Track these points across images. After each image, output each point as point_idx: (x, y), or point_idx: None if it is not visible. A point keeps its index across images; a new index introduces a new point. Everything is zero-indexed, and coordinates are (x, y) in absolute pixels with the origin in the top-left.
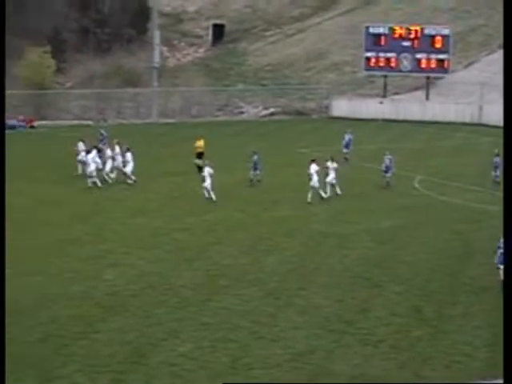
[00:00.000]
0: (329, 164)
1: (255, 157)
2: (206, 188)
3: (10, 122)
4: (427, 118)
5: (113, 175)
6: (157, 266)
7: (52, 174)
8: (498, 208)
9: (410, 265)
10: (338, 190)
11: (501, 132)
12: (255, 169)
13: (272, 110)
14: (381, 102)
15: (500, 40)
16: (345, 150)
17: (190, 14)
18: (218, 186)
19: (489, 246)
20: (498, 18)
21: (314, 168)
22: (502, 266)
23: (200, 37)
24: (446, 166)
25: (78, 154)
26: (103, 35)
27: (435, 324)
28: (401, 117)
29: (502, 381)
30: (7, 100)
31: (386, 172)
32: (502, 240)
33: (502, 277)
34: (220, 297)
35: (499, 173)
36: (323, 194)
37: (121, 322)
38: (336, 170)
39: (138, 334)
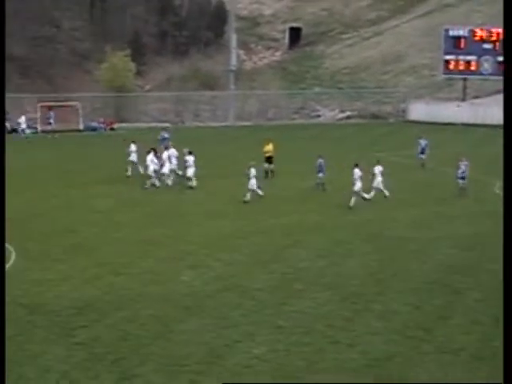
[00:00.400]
0: (375, 169)
1: (320, 160)
2: (251, 189)
3: (91, 123)
4: None
5: (170, 178)
6: (234, 269)
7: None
8: None
9: (492, 273)
10: (387, 193)
11: None
12: (319, 172)
13: (348, 113)
14: (458, 106)
15: None
16: (421, 156)
17: (266, 18)
18: (294, 188)
19: None
20: None
21: (357, 173)
22: None
23: (277, 40)
24: None
25: (128, 154)
26: (181, 38)
27: None
28: (480, 121)
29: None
30: (89, 103)
31: (463, 178)
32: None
33: None
34: (295, 300)
35: None
36: (366, 196)
37: (197, 323)
38: (382, 173)
39: (214, 335)
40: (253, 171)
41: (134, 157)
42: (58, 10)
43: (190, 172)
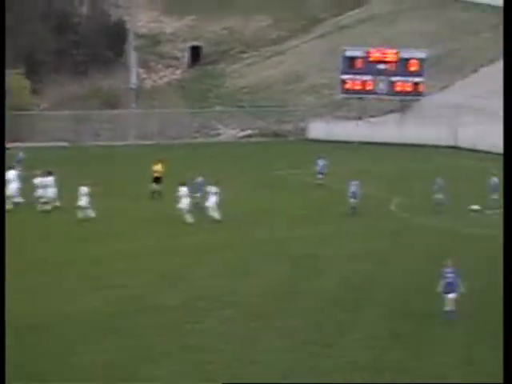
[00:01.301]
0: (209, 189)
1: (199, 179)
2: (182, 209)
3: None
4: (403, 140)
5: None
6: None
7: None
8: (479, 231)
9: (391, 288)
10: (217, 216)
11: (476, 155)
12: (197, 191)
13: (249, 131)
14: (357, 125)
15: (474, 64)
16: (319, 176)
17: (166, 36)
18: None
19: (467, 268)
20: (472, 42)
21: (183, 190)
22: (449, 296)
23: (177, 58)
24: (423, 189)
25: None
26: (80, 56)
27: (414, 346)
28: (377, 139)
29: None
30: None
31: (354, 198)
32: (447, 270)
33: (448, 307)
34: (199, 318)
35: (498, 196)
36: (189, 219)
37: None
38: (217, 194)
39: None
40: (183, 190)
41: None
42: None
43: (49, 193)
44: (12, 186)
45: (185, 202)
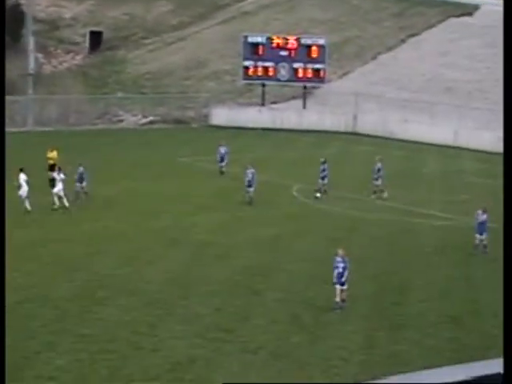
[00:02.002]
0: (55, 174)
1: (80, 169)
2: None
3: None
4: (304, 126)
5: None
6: (34, 279)
7: None
8: (374, 216)
9: (290, 273)
10: (66, 203)
11: (375, 141)
12: (79, 180)
13: (151, 118)
14: (259, 111)
15: (374, 52)
16: (220, 164)
17: (66, 21)
18: (99, 196)
19: (364, 253)
20: (371, 29)
21: (22, 177)
22: (338, 286)
23: (77, 44)
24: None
25: None
26: None
27: (313, 330)
28: (279, 125)
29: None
30: None
31: (250, 186)
32: (338, 259)
33: (337, 297)
34: (99, 308)
35: (380, 181)
36: (28, 207)
37: None
38: (63, 181)
39: (12, 348)
40: (22, 176)
41: None
42: None
43: None
44: None
45: (25, 189)
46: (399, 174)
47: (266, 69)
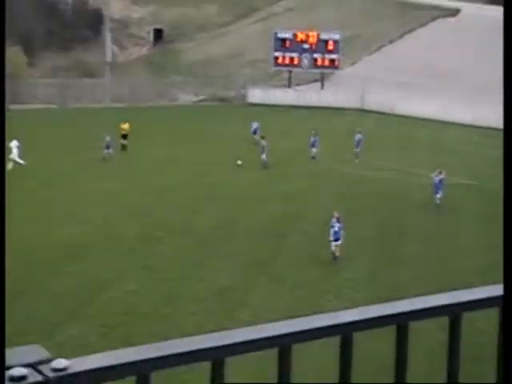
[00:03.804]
0: (12, 144)
1: (107, 138)
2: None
3: None
4: (322, 104)
5: None
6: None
7: None
8: (350, 170)
9: (309, 220)
10: (22, 161)
11: (377, 116)
12: (107, 147)
13: (201, 97)
14: (285, 91)
15: (377, 45)
16: (254, 136)
17: (135, 20)
18: (162, 155)
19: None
20: (376, 27)
21: (14, 144)
22: (333, 243)
23: (143, 38)
24: (336, 141)
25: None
26: (66, 35)
27: (328, 265)
28: (302, 103)
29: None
30: None
31: (263, 153)
32: (334, 220)
33: (333, 248)
34: (158, 246)
35: (359, 148)
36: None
37: (84, 265)
38: (19, 147)
39: (88, 278)
40: (14, 143)
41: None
42: None
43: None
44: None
45: (15, 152)
46: (396, 141)
47: (291, 59)
